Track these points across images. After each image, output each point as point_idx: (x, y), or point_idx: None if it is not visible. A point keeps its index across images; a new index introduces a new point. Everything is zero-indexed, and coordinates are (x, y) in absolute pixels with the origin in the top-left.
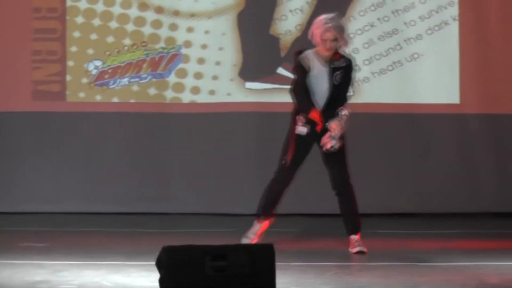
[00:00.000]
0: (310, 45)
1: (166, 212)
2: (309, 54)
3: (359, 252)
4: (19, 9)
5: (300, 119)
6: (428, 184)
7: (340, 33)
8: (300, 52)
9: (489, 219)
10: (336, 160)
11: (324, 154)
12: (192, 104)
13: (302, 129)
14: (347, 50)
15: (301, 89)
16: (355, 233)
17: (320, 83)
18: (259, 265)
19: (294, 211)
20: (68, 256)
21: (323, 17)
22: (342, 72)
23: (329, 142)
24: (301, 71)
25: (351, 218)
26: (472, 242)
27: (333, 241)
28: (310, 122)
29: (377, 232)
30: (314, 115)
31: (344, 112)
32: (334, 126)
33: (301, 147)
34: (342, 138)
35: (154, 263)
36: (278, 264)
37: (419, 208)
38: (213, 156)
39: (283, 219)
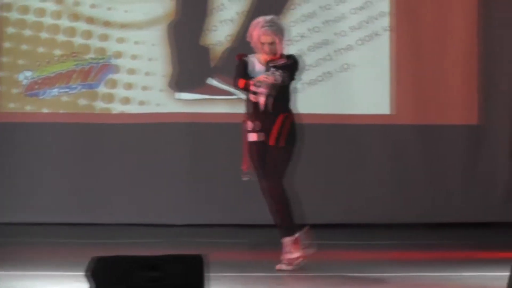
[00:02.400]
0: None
1: (96, 222)
2: (251, 56)
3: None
4: None
5: (248, 124)
6: (360, 195)
7: (278, 36)
8: (242, 55)
9: (422, 229)
10: (271, 166)
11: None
12: (122, 114)
13: (252, 135)
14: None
15: (237, 75)
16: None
17: None
18: (191, 275)
19: (228, 221)
20: (1, 268)
21: (261, 19)
22: (283, 71)
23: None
24: (241, 69)
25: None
26: (405, 253)
27: (266, 251)
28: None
29: (310, 243)
30: (240, 84)
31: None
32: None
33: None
34: (288, 147)
35: (84, 273)
36: (210, 274)
37: (351, 219)
38: (143, 166)
39: (216, 230)
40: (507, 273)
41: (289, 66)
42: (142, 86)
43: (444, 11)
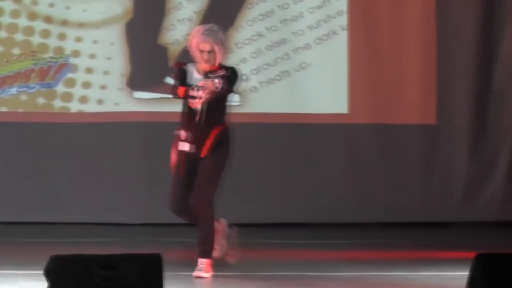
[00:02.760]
0: None
1: (54, 221)
2: (190, 65)
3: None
4: None
5: (182, 134)
6: (316, 194)
7: (218, 45)
8: (181, 64)
9: (378, 229)
10: (200, 174)
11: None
12: (80, 113)
13: (183, 145)
14: (234, 60)
15: (174, 83)
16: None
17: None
18: (148, 274)
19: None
20: None
21: (201, 27)
22: (222, 80)
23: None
24: (180, 77)
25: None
26: (362, 252)
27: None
28: (189, 136)
29: (266, 242)
30: (180, 92)
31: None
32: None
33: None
34: (223, 154)
35: (41, 272)
36: (167, 273)
37: (307, 219)
38: (101, 166)
39: (174, 229)
40: (466, 273)
41: (229, 77)
42: (100, 85)
43: (401, 9)
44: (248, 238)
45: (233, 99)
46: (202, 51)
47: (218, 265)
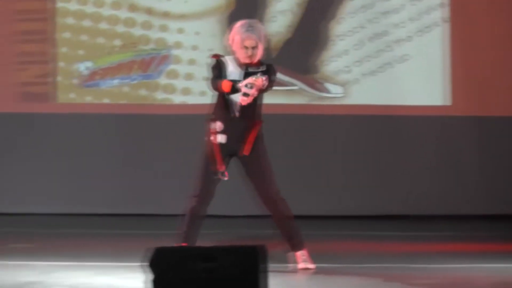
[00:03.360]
0: (301, 45)
1: (156, 213)
2: (227, 59)
3: (305, 269)
4: (3, 11)
5: (218, 125)
6: (413, 186)
7: (261, 41)
8: (218, 55)
9: (476, 221)
10: (258, 175)
11: (246, 170)
12: (183, 105)
13: (222, 137)
14: (336, 52)
15: (216, 77)
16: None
17: None
18: (250, 267)
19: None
20: (59, 257)
21: (244, 23)
22: (266, 77)
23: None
24: (218, 71)
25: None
26: (462, 244)
27: (332, 243)
28: (226, 129)
29: (365, 234)
30: (226, 86)
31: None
32: (247, 81)
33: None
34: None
35: (144, 264)
36: (271, 266)
37: (404, 211)
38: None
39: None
40: None
41: (270, 74)
42: (203, 76)
43: (501, 1)
44: (344, 231)
45: (335, 91)
46: (246, 47)
47: (322, 258)
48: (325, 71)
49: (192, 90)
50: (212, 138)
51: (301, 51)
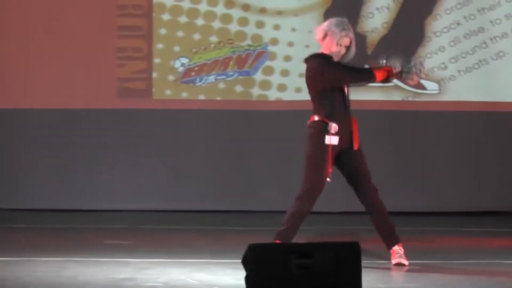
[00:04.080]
0: (397, 42)
1: (249, 210)
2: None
3: (399, 264)
4: (103, 6)
5: (333, 127)
6: (509, 182)
7: (353, 40)
8: (317, 53)
9: None
10: (363, 167)
11: (349, 163)
12: (279, 101)
13: (335, 138)
14: (432, 49)
15: (347, 67)
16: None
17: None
18: (345, 263)
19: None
20: (153, 254)
21: (338, 20)
22: None
23: (412, 71)
24: (334, 62)
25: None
26: None
27: (423, 239)
28: (340, 130)
29: (461, 230)
30: (379, 72)
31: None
32: (395, 63)
33: (333, 158)
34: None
35: (239, 260)
36: (363, 261)
37: (502, 207)
38: (296, 154)
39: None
40: None
41: None
42: (299, 73)
43: None
44: (443, 227)
45: (431, 87)
46: (341, 45)
47: (416, 254)
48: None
49: (288, 87)
50: (327, 141)
51: (397, 48)
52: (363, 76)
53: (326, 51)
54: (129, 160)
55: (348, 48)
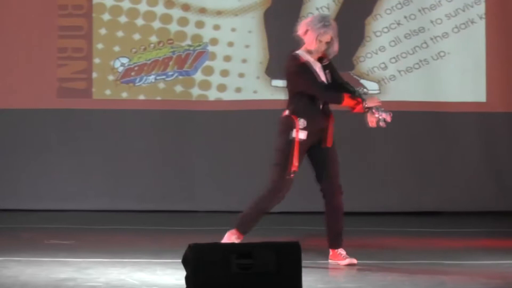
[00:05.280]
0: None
1: (190, 210)
2: (304, 54)
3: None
4: (44, 6)
5: (301, 122)
6: (453, 183)
7: (335, 36)
8: (295, 54)
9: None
10: (333, 165)
11: (318, 159)
12: (218, 101)
13: (302, 133)
14: (372, 49)
15: (320, 83)
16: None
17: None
18: (285, 263)
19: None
20: (93, 254)
21: (319, 16)
22: (329, 71)
23: (376, 117)
24: (310, 70)
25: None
26: (497, 241)
27: (364, 239)
28: (309, 126)
29: (402, 231)
30: (349, 100)
31: (361, 88)
32: (372, 100)
33: (302, 153)
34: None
35: (179, 260)
36: (303, 262)
37: (443, 207)
38: (236, 154)
39: (298, 217)
40: None
41: (334, 70)
42: (239, 73)
43: None
44: (385, 227)
45: (371, 87)
46: (321, 42)
47: (356, 254)
48: (360, 67)
49: (228, 87)
50: (294, 135)
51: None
52: (331, 96)
53: (308, 47)
54: (70, 160)
55: (329, 44)
